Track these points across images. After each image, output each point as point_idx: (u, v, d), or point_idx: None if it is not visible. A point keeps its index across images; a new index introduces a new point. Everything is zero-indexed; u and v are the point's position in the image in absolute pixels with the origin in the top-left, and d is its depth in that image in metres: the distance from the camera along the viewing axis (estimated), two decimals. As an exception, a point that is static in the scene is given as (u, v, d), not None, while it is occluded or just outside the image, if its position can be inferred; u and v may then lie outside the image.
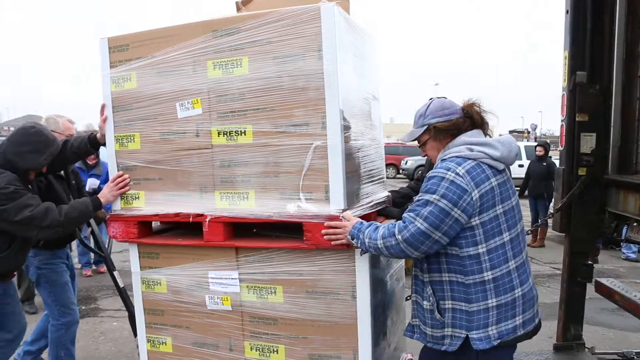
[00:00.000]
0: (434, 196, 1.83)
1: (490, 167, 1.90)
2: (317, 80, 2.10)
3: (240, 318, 2.36)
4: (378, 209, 2.56)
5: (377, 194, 2.69)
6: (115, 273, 3.17)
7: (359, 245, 2.01)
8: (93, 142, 2.72)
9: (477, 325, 1.87)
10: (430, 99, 2.14)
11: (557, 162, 8.37)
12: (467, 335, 1.88)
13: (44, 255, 3.23)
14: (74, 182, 3.34)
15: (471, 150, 1.90)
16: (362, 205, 2.37)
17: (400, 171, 23.26)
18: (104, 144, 2.59)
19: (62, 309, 3.25)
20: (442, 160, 1.96)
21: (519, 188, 9.03)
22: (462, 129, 1.97)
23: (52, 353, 3.28)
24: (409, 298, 2.33)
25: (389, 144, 30.12)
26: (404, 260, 3.02)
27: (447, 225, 1.83)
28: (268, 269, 2.27)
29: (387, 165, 24.12)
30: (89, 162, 5.56)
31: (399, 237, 1.87)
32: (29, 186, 2.76)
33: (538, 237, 8.51)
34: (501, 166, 1.93)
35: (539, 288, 5.69)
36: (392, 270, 2.67)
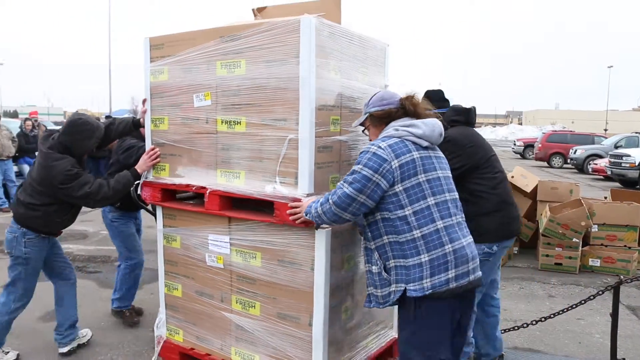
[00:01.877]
0: (359, 166, 2.23)
1: (414, 143, 2.26)
2: (294, 83, 2.52)
3: (229, 275, 2.93)
4: None
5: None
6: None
7: (311, 219, 2.40)
8: (136, 125, 3.44)
9: (414, 278, 2.18)
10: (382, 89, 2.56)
11: None
12: (406, 287, 2.20)
13: (116, 213, 4.12)
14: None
15: (396, 130, 2.29)
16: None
17: (568, 161, 21.14)
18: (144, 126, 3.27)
19: (129, 253, 4.16)
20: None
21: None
22: (394, 117, 2.35)
23: (119, 286, 4.23)
24: None
25: (555, 131, 27.60)
26: None
27: (369, 189, 2.19)
28: (251, 237, 2.79)
29: (553, 154, 22.56)
30: None
31: (330, 200, 2.27)
32: (83, 165, 3.52)
33: None
34: (424, 143, 2.28)
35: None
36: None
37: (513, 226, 3.22)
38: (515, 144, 29.20)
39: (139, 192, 3.28)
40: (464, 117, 3.25)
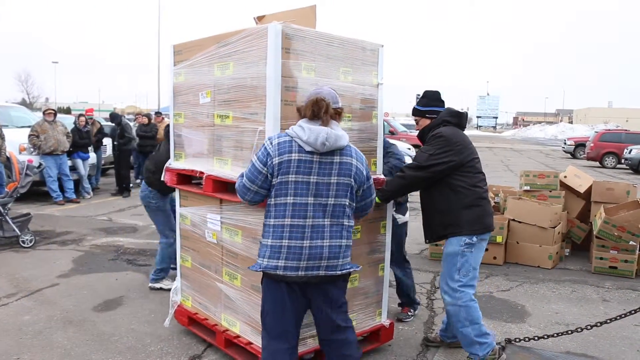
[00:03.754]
0: (254, 157, 2.86)
1: (300, 145, 2.77)
2: (263, 82, 3.19)
3: (220, 250, 3.73)
4: None
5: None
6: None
7: None
8: None
9: (262, 255, 2.84)
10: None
11: None
12: (257, 260, 2.86)
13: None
14: None
15: (292, 130, 2.83)
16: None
17: (622, 161, 22.19)
18: None
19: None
20: None
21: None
22: (301, 114, 2.88)
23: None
24: None
25: (608, 130, 28.23)
26: None
27: (260, 180, 2.81)
28: (235, 216, 3.55)
29: (606, 154, 23.55)
30: None
31: (236, 187, 2.94)
32: None
33: None
34: (308, 147, 2.75)
35: None
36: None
37: (489, 220, 3.72)
38: (565, 143, 30.47)
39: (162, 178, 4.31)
40: (456, 120, 3.78)
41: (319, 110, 2.82)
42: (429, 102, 3.90)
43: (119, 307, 4.86)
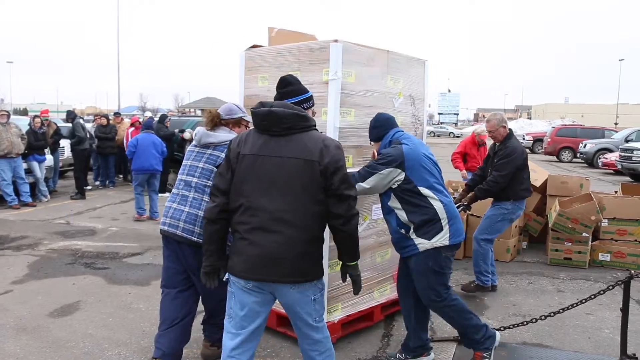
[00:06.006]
0: None
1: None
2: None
3: None
4: None
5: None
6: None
7: None
8: None
9: None
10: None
11: None
12: None
13: None
14: None
15: None
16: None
17: (578, 155, 23.27)
18: None
19: None
20: None
21: None
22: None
23: None
24: None
25: (564, 125, 29.21)
26: None
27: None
28: None
29: (562, 148, 24.61)
30: None
31: None
32: None
33: None
34: (195, 142, 3.57)
35: None
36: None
37: (241, 264, 2.65)
38: (524, 139, 31.67)
39: None
40: (253, 119, 2.73)
41: (205, 119, 3.61)
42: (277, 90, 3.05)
43: (75, 312, 4.76)
